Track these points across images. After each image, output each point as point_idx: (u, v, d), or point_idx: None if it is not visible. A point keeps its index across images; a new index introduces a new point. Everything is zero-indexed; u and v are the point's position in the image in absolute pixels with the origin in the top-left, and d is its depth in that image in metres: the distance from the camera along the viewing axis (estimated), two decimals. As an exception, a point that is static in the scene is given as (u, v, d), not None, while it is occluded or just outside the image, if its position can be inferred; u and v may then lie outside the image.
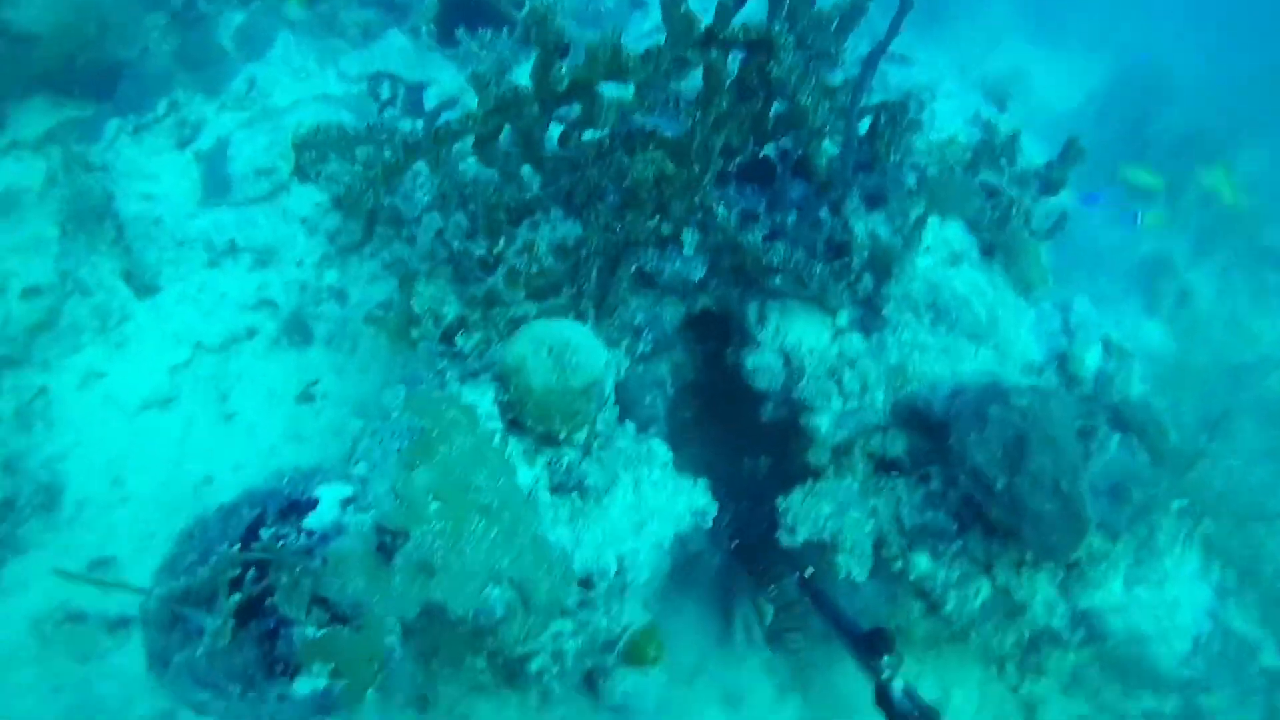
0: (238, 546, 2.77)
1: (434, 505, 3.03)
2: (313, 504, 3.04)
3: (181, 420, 4.77)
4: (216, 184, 5.43)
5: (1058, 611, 3.85)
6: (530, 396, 3.35)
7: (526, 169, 4.21)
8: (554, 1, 3.42)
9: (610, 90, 4.04)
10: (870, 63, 3.73)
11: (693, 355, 4.98)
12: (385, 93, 6.11)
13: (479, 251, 4.22)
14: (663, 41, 3.71)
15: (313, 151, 5.28)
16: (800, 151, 4.11)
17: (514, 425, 3.51)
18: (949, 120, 5.70)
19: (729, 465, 5.50)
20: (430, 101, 5.98)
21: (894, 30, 3.68)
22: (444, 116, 4.39)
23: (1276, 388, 7.66)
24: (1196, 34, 15.24)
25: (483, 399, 3.51)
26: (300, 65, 6.23)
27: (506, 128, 3.85)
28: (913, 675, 3.83)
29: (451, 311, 4.07)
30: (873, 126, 4.09)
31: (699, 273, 4.32)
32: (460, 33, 5.75)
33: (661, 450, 3.91)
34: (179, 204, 5.46)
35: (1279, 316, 10.14)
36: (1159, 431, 3.54)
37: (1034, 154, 5.08)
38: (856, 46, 4.16)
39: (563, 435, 3.44)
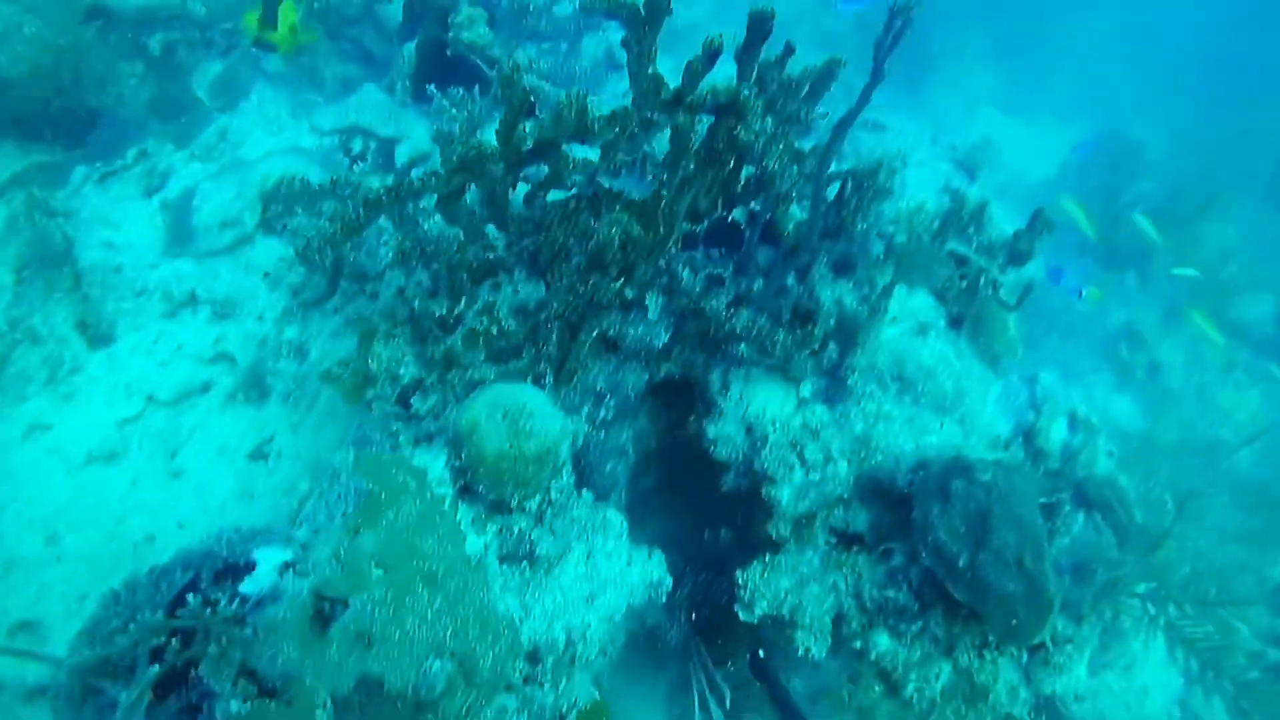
0: (162, 612, 2.64)
1: (377, 573, 2.92)
2: (250, 567, 2.93)
3: (127, 476, 4.63)
4: (180, 234, 5.36)
5: (1020, 697, 3.74)
6: (483, 462, 3.25)
7: (491, 228, 4.17)
8: (523, 61, 3.40)
9: (579, 151, 4.02)
10: (840, 129, 3.72)
11: (655, 423, 4.91)
12: (356, 147, 6.09)
13: (439, 311, 4.15)
14: (629, 103, 3.70)
15: (279, 205, 5.24)
16: (768, 215, 4.08)
17: (466, 491, 3.41)
18: (920, 188, 5.71)
19: (690, 535, 5.39)
20: (402, 157, 5.96)
21: (864, 99, 3.67)
22: (413, 173, 4.36)
23: (1245, 466, 7.66)
24: (1167, 101, 15.59)
25: (435, 463, 3.42)
26: (274, 117, 6.20)
27: (472, 187, 3.81)
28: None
29: (409, 373, 3.98)
30: (840, 193, 4.08)
31: (662, 338, 4.27)
32: (431, 89, 5.76)
33: (616, 520, 3.81)
34: (141, 253, 5.38)
35: (1247, 391, 10.18)
36: (1124, 509, 3.48)
37: (1007, 224, 5.10)
38: (831, 111, 4.17)
39: (515, 502, 3.34)
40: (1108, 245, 11.10)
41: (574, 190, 4.18)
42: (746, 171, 4.23)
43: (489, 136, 3.74)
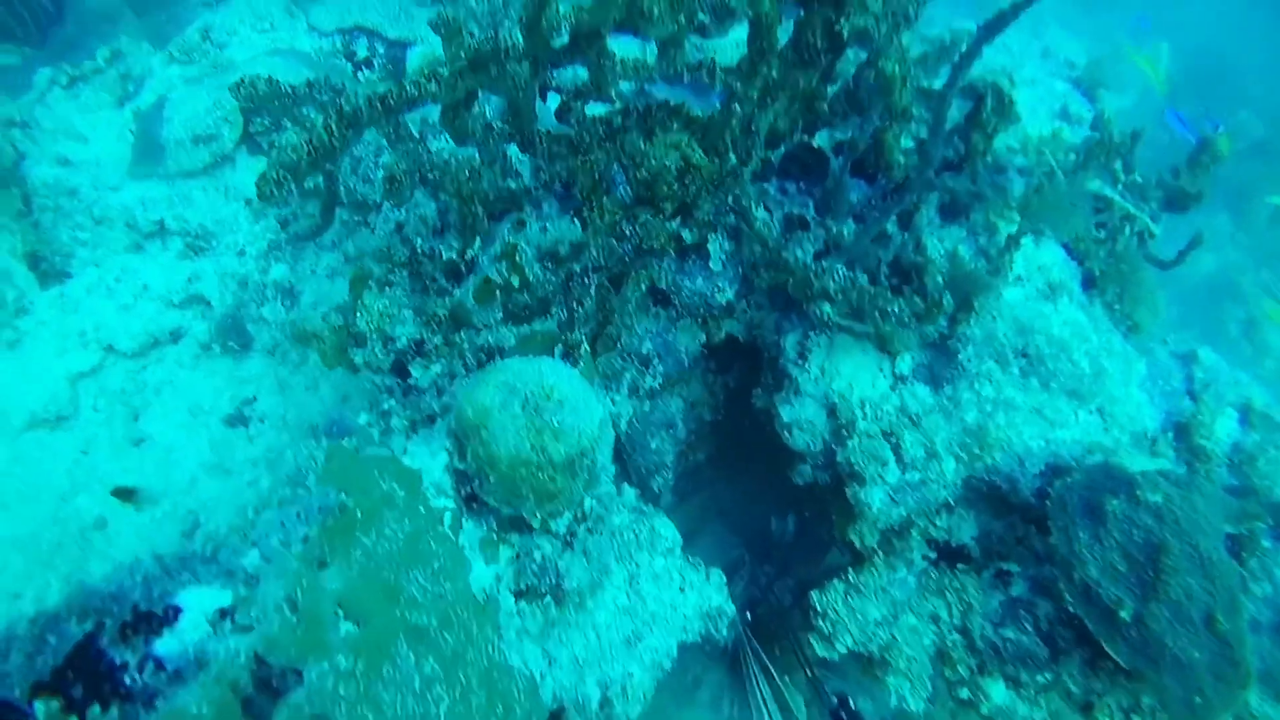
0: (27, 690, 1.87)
1: (345, 627, 2.13)
2: (173, 615, 2.14)
3: (77, 442, 3.85)
4: (148, 150, 4.50)
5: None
6: (495, 468, 2.43)
7: (513, 149, 3.29)
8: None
9: (629, 49, 3.11)
10: (991, 29, 2.76)
11: (712, 391, 4.08)
12: (361, 51, 5.17)
13: (448, 254, 3.31)
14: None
15: (265, 117, 4.37)
16: (869, 140, 3.17)
17: (473, 501, 2.60)
18: (1031, 115, 4.73)
19: (748, 513, 4.62)
20: (414, 63, 5.03)
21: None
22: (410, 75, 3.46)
23: None
24: (1258, 20, 14.10)
25: (433, 462, 2.60)
26: (264, 13, 5.27)
27: (489, 95, 2.93)
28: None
29: (406, 332, 3.15)
30: (972, 113, 3.14)
31: (728, 294, 3.41)
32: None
33: (667, 530, 3.01)
34: (105, 173, 4.53)
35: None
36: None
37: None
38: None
39: (537, 521, 2.52)
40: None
41: (620, 103, 3.29)
42: (835, 87, 3.32)
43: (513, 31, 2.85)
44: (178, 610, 2.14)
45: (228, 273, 4.28)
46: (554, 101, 3.17)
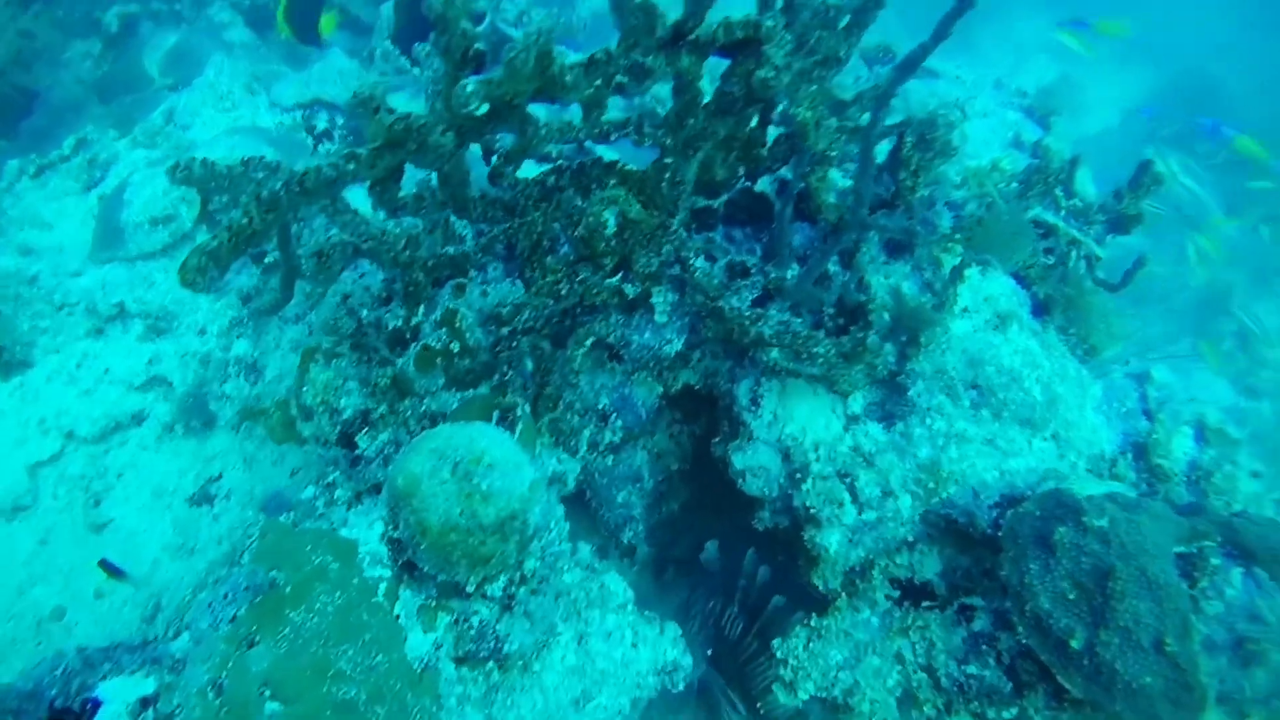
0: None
1: (270, 708, 2.10)
2: (92, 709, 2.12)
3: (36, 532, 3.86)
4: (109, 235, 4.56)
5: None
6: (426, 535, 2.41)
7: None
8: (511, 12, 2.53)
9: (562, 114, 3.17)
10: (905, 68, 2.79)
11: (678, 442, 4.07)
12: (321, 124, 5.25)
13: (394, 324, 3.33)
14: (614, 46, 2.80)
15: (223, 195, 4.43)
16: (801, 183, 3.19)
17: (410, 569, 2.58)
18: (984, 145, 4.76)
19: (726, 561, 4.58)
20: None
21: (943, 31, 2.73)
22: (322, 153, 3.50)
23: None
24: (1238, 38, 14.16)
25: (370, 533, 2.60)
26: (226, 92, 5.36)
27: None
28: None
29: (352, 404, 3.16)
30: (895, 151, 3.17)
31: (675, 345, 3.42)
32: (420, 48, 4.91)
33: (619, 587, 2.98)
34: (68, 258, 4.59)
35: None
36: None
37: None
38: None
39: (471, 586, 2.50)
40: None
41: (557, 162, 3.33)
42: (775, 132, 3.36)
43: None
44: (96, 704, 2.12)
45: (189, 352, 4.30)
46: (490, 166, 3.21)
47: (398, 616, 2.45)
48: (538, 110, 2.95)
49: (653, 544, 4.44)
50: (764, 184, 3.67)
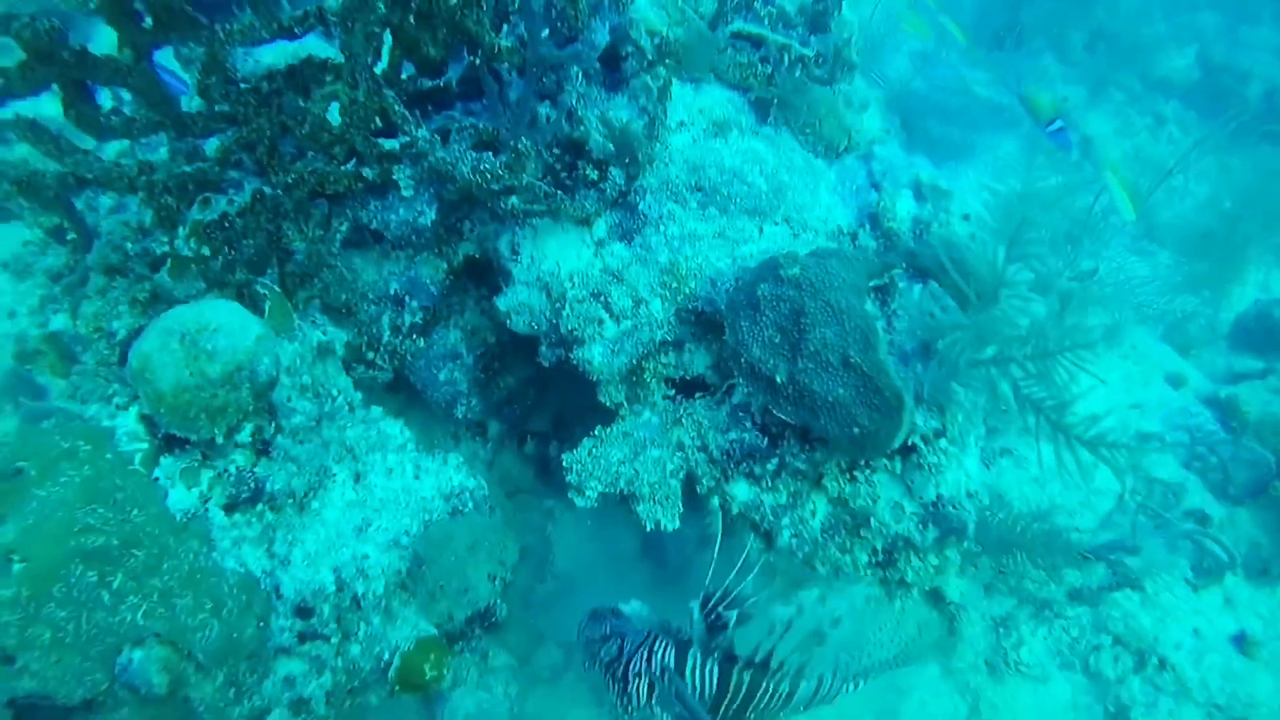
0: None
1: (16, 568, 2.33)
2: None
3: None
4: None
5: (907, 512, 3.15)
6: (162, 400, 2.64)
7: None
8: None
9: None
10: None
11: (490, 316, 4.28)
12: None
13: (161, 250, 3.51)
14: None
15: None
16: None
17: (173, 442, 2.81)
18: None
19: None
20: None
21: None
22: None
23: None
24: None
25: (126, 417, 2.82)
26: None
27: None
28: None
29: (124, 325, 3.35)
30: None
31: (428, 215, 3.63)
32: None
33: (395, 431, 3.23)
34: None
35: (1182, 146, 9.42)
36: (959, 269, 2.84)
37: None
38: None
39: (220, 438, 2.73)
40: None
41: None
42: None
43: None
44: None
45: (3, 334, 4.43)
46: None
47: (157, 479, 2.68)
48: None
49: (503, 420, 4.67)
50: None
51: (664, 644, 2.80)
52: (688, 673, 2.75)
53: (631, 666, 2.77)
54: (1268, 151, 8.76)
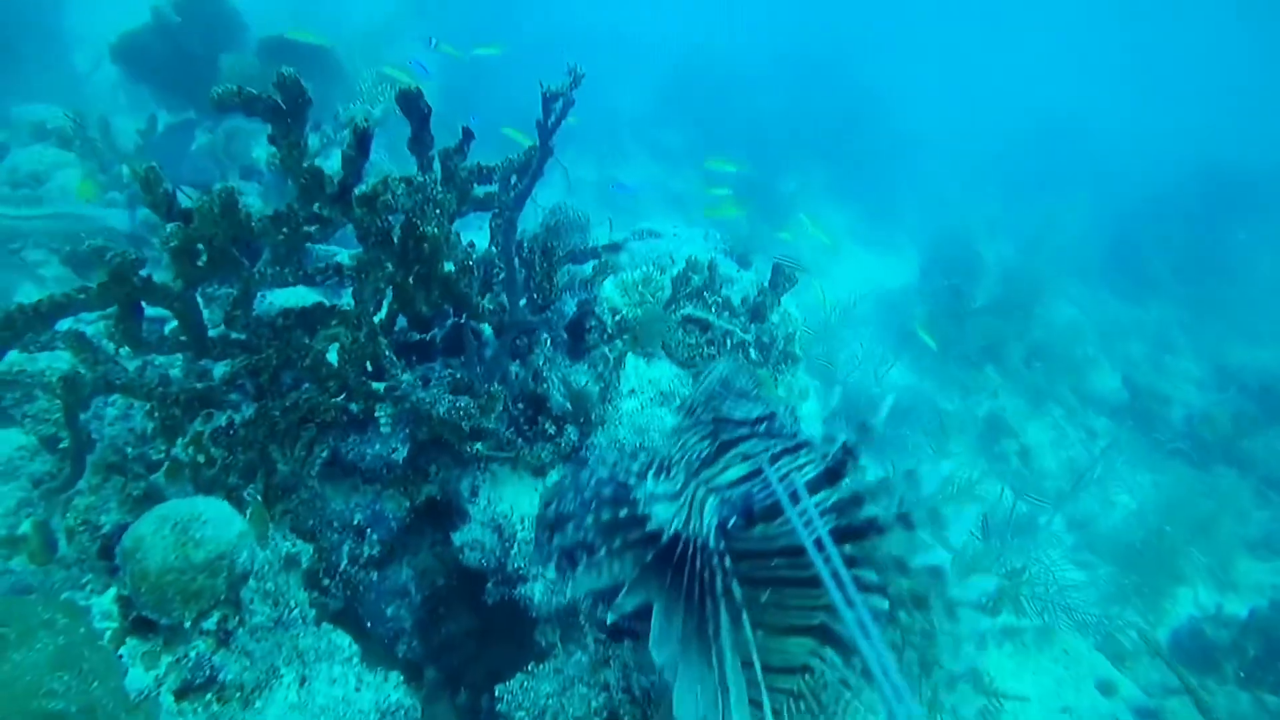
0: None
1: (-16, 724, 2.55)
2: None
3: None
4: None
5: None
6: (145, 579, 2.95)
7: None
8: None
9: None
10: (518, 203, 3.68)
11: (441, 560, 4.60)
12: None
13: (157, 456, 3.90)
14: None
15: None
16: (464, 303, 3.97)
17: (141, 625, 3.08)
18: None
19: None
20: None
21: (535, 175, 3.64)
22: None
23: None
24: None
25: (103, 598, 3.10)
26: None
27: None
28: None
29: (111, 520, 3.67)
30: (528, 260, 3.96)
31: (401, 452, 4.05)
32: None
33: (345, 643, 3.48)
34: None
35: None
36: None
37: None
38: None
39: (188, 623, 3.01)
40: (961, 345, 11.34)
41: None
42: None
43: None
44: None
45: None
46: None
47: (121, 656, 2.93)
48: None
49: (441, 668, 4.84)
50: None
51: None
52: None
53: None
54: (1178, 468, 9.52)
